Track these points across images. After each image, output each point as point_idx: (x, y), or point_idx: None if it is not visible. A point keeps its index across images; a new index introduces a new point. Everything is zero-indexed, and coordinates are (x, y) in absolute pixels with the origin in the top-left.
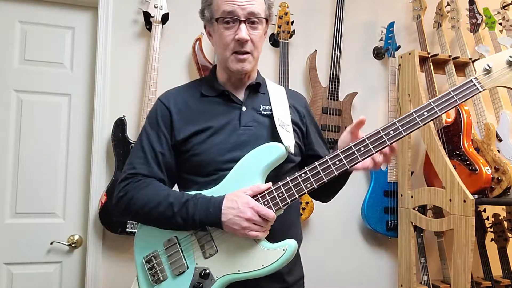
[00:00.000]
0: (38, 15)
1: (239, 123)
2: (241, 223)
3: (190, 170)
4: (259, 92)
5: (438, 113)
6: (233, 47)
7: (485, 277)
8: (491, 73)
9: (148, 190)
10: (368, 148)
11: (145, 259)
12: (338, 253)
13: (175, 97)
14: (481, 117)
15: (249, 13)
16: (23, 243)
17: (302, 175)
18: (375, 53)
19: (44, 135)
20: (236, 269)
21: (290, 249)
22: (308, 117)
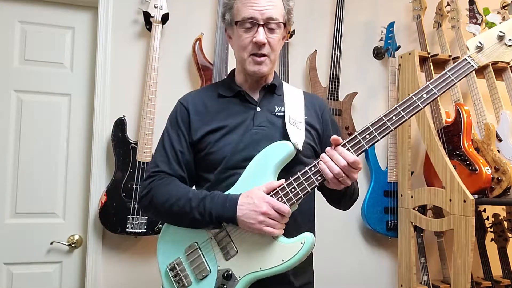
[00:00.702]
0: (38, 15)
1: (252, 123)
2: (257, 217)
3: (204, 168)
4: (274, 94)
5: (437, 93)
6: (250, 49)
7: (485, 277)
8: (484, 49)
9: (169, 187)
10: (373, 135)
11: (169, 267)
12: (338, 253)
13: (194, 98)
14: (481, 117)
15: (267, 18)
16: (23, 243)
17: (312, 168)
18: (375, 53)
19: (44, 135)
20: (257, 267)
21: (308, 241)
22: (326, 119)
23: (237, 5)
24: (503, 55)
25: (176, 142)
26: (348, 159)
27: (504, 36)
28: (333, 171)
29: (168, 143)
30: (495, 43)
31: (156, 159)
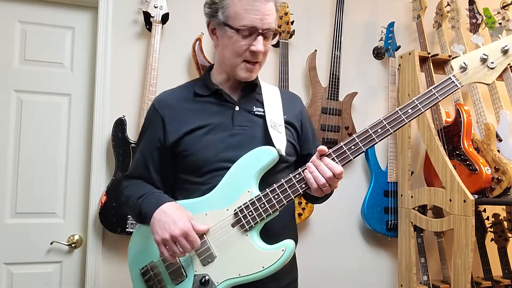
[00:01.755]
0: (38, 15)
1: (232, 123)
2: (164, 234)
3: (185, 170)
4: (254, 92)
5: (421, 109)
6: (245, 56)
7: (485, 277)
8: (467, 70)
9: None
10: (359, 146)
11: (142, 270)
12: (338, 253)
13: (168, 98)
14: (481, 117)
15: (266, 28)
16: (23, 243)
17: (297, 176)
18: (375, 53)
19: (44, 135)
20: (236, 273)
21: (289, 249)
22: (304, 117)
23: (235, 7)
24: (484, 77)
25: (146, 148)
26: (334, 170)
27: (487, 58)
28: (319, 182)
29: (140, 149)
30: (478, 65)
31: (131, 163)
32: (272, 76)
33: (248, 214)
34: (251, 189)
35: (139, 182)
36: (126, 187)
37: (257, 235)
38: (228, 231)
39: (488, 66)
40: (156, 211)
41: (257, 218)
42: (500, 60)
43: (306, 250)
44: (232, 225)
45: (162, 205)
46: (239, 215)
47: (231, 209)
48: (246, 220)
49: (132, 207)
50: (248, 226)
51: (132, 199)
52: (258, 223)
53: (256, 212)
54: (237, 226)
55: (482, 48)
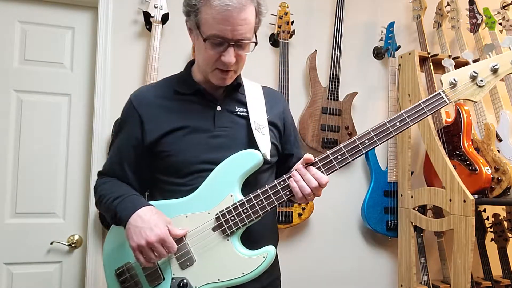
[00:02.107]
0: (38, 15)
1: (213, 123)
2: (140, 240)
3: (165, 171)
4: (237, 92)
5: (409, 123)
6: (217, 65)
7: (485, 277)
8: (457, 86)
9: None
10: (345, 156)
11: (117, 271)
12: (338, 253)
13: (147, 95)
14: (481, 117)
15: (238, 39)
16: (23, 243)
17: (281, 183)
18: (375, 53)
19: (44, 135)
20: (215, 278)
21: (270, 256)
22: (286, 116)
23: (206, 15)
24: (472, 95)
25: (123, 146)
26: (321, 181)
27: (477, 76)
28: (304, 192)
29: (116, 146)
30: (468, 82)
31: (107, 160)
32: (272, 76)
33: (230, 219)
34: (234, 193)
35: (114, 181)
36: (100, 185)
37: (238, 240)
38: (209, 235)
39: (477, 84)
40: (132, 216)
41: (239, 224)
42: (489, 79)
43: (306, 250)
44: (213, 229)
45: (138, 210)
46: (221, 220)
47: (212, 213)
48: (228, 225)
49: (106, 208)
50: (230, 231)
51: (106, 199)
52: (240, 228)
53: (238, 217)
54: (218, 231)
55: (473, 65)
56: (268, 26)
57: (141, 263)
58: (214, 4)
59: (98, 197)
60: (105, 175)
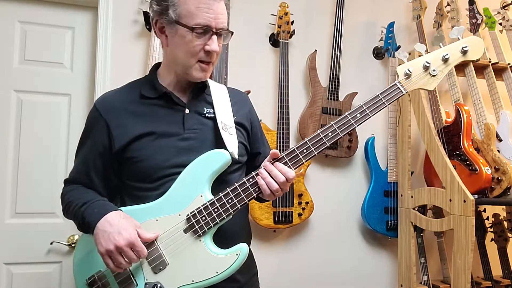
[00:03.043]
0: (38, 15)
1: (183, 126)
2: (108, 245)
3: (135, 177)
4: (204, 93)
5: (369, 114)
6: (200, 56)
7: (485, 277)
8: (411, 77)
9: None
10: (310, 150)
11: (88, 281)
12: (338, 253)
13: (112, 101)
14: (481, 117)
15: (220, 27)
16: (23, 243)
17: (250, 180)
18: (375, 53)
19: (44, 135)
20: (190, 279)
21: (243, 253)
22: (253, 116)
23: (187, 5)
24: (426, 84)
25: (88, 154)
26: (288, 176)
27: (429, 66)
28: (272, 188)
29: (81, 154)
30: (421, 72)
31: (73, 168)
32: (272, 76)
33: (201, 219)
34: (204, 193)
35: (81, 188)
36: (67, 192)
37: (211, 240)
38: (180, 237)
39: (430, 74)
40: (100, 221)
41: (211, 223)
42: (441, 68)
43: (306, 250)
44: (184, 230)
45: (106, 215)
46: (192, 220)
47: (183, 214)
48: (199, 225)
49: (73, 215)
50: (202, 231)
51: (73, 206)
52: (212, 228)
53: (209, 216)
54: (190, 232)
55: (425, 56)
56: (268, 26)
57: (111, 268)
58: None
59: (65, 205)
60: (70, 182)
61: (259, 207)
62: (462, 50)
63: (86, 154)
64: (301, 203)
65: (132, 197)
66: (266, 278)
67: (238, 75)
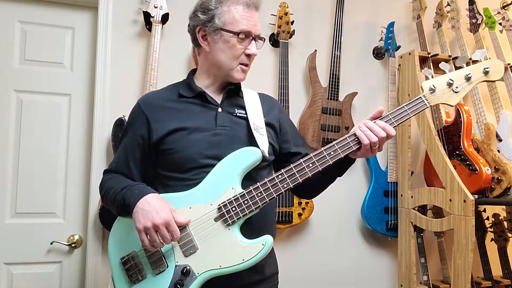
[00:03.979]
0: (38, 15)
1: (215, 123)
2: (146, 222)
3: (169, 167)
4: (237, 96)
5: (394, 123)
6: (241, 59)
7: (485, 277)
8: (435, 92)
9: (112, 180)
10: (338, 152)
11: (123, 260)
12: (338, 253)
13: (153, 98)
14: (481, 117)
15: (258, 33)
16: (23, 243)
17: (279, 176)
18: (375, 53)
19: (44, 135)
20: (217, 264)
21: (268, 243)
22: (282, 117)
23: (231, 14)
24: (449, 99)
25: (128, 145)
26: (389, 131)
27: (453, 83)
28: (371, 139)
29: (122, 145)
30: (445, 88)
31: (113, 159)
32: (272, 76)
33: (231, 209)
34: (235, 186)
35: (120, 176)
36: (107, 180)
37: (238, 230)
38: (211, 225)
39: (453, 90)
40: (140, 200)
41: (240, 214)
42: (464, 86)
43: (306, 250)
44: (215, 219)
45: (146, 196)
46: (222, 210)
47: (215, 204)
48: (229, 215)
49: (113, 198)
50: (231, 220)
51: (113, 190)
52: (241, 218)
53: (239, 208)
54: (220, 221)
55: (449, 74)
56: (268, 26)
57: (146, 246)
58: (240, 2)
59: (105, 191)
60: (109, 171)
61: None
62: (484, 71)
63: (127, 145)
64: (301, 203)
65: (165, 186)
66: None
67: None
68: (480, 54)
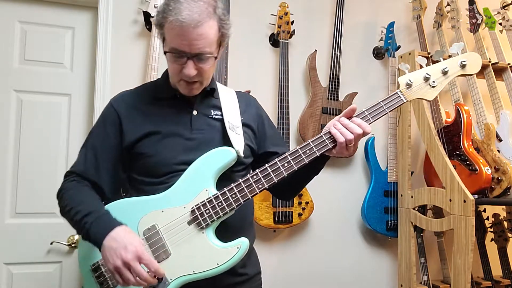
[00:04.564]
0: (38, 15)
1: (190, 127)
2: (116, 261)
3: (142, 171)
4: (212, 97)
5: (371, 120)
6: (181, 76)
7: (485, 277)
8: (412, 87)
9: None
10: (313, 151)
11: (93, 267)
12: (338, 253)
13: (127, 99)
14: (481, 117)
15: (196, 53)
16: (23, 243)
17: (254, 176)
18: (375, 53)
19: (44, 135)
20: (191, 269)
21: (243, 247)
22: (260, 116)
23: (167, 29)
24: (426, 94)
25: (99, 147)
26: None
27: (430, 78)
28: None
29: (90, 145)
30: (422, 83)
31: (76, 160)
32: (272, 76)
33: (205, 212)
34: (209, 188)
35: (81, 188)
36: (66, 191)
37: (213, 233)
38: (184, 228)
39: (430, 85)
40: (106, 238)
41: (214, 216)
42: (441, 80)
43: (306, 250)
44: (188, 222)
45: (111, 232)
46: (196, 213)
47: (188, 207)
48: (202, 218)
49: (73, 221)
50: (205, 223)
51: (74, 213)
52: (215, 221)
53: (213, 210)
54: (193, 224)
55: (425, 68)
56: (268, 26)
57: (121, 285)
58: (170, 19)
59: (64, 205)
60: (75, 174)
61: (259, 207)
62: (461, 65)
63: (97, 147)
64: (301, 203)
65: (139, 191)
66: (266, 278)
67: (238, 75)
68: (457, 47)
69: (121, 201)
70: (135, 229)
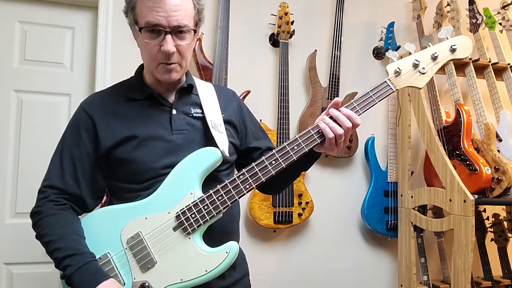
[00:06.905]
0: (38, 15)
1: (170, 127)
2: None
3: (123, 178)
4: (190, 93)
5: (360, 111)
6: (159, 58)
7: (485, 277)
8: (401, 74)
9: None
10: (301, 147)
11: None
12: (338, 253)
13: (99, 102)
14: (481, 117)
15: (174, 25)
16: (23, 243)
17: (241, 177)
18: (375, 53)
19: (44, 135)
20: (178, 278)
21: (233, 251)
22: (241, 111)
23: (139, 6)
24: (416, 81)
25: (75, 154)
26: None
27: (419, 64)
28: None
29: (66, 155)
30: (411, 70)
31: (50, 171)
32: (272, 76)
33: (190, 216)
34: (194, 191)
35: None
36: (45, 216)
37: (200, 238)
38: (169, 235)
39: (420, 72)
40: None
41: (200, 221)
42: (430, 66)
43: (306, 250)
44: (173, 228)
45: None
46: (181, 218)
47: (173, 212)
48: (188, 223)
49: (53, 258)
50: (191, 229)
51: (54, 248)
52: (201, 226)
53: (199, 214)
54: (179, 230)
55: (414, 54)
56: (268, 26)
57: None
58: None
59: (41, 234)
60: (55, 191)
61: (259, 207)
62: (451, 49)
63: (74, 154)
64: (301, 203)
65: (121, 198)
66: (266, 278)
67: (238, 75)
68: (446, 31)
69: (102, 210)
70: (117, 238)
